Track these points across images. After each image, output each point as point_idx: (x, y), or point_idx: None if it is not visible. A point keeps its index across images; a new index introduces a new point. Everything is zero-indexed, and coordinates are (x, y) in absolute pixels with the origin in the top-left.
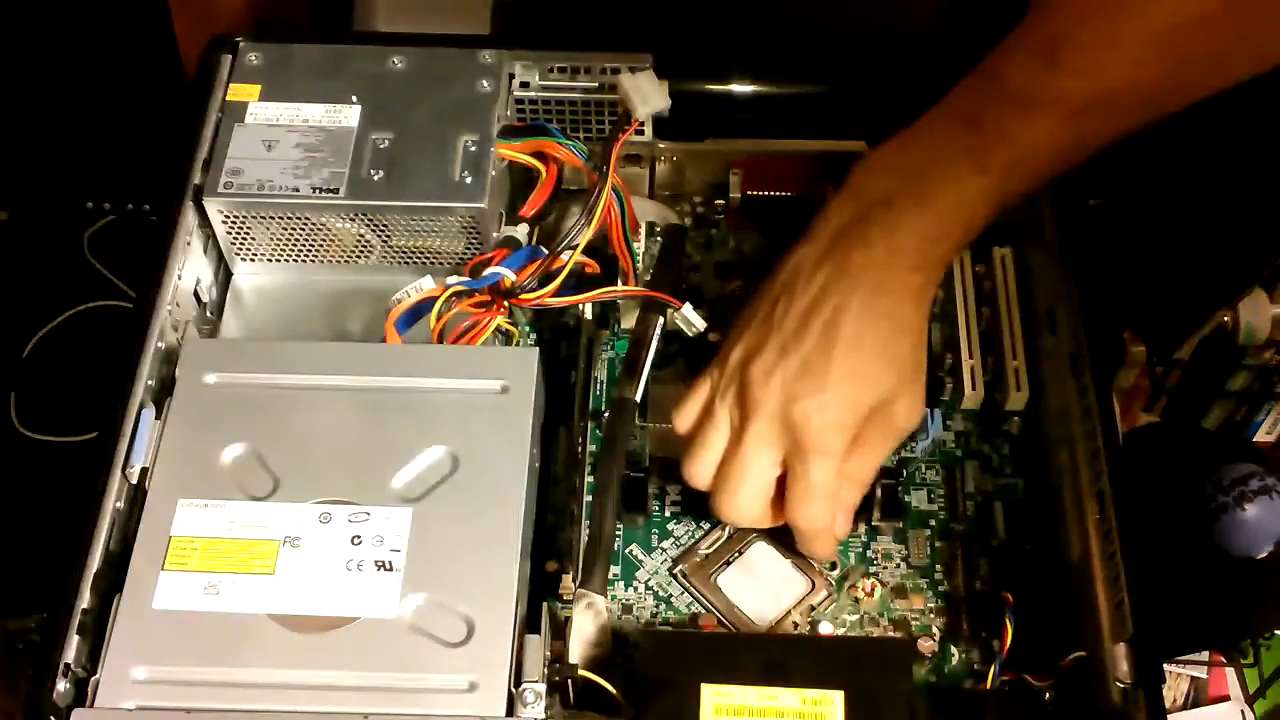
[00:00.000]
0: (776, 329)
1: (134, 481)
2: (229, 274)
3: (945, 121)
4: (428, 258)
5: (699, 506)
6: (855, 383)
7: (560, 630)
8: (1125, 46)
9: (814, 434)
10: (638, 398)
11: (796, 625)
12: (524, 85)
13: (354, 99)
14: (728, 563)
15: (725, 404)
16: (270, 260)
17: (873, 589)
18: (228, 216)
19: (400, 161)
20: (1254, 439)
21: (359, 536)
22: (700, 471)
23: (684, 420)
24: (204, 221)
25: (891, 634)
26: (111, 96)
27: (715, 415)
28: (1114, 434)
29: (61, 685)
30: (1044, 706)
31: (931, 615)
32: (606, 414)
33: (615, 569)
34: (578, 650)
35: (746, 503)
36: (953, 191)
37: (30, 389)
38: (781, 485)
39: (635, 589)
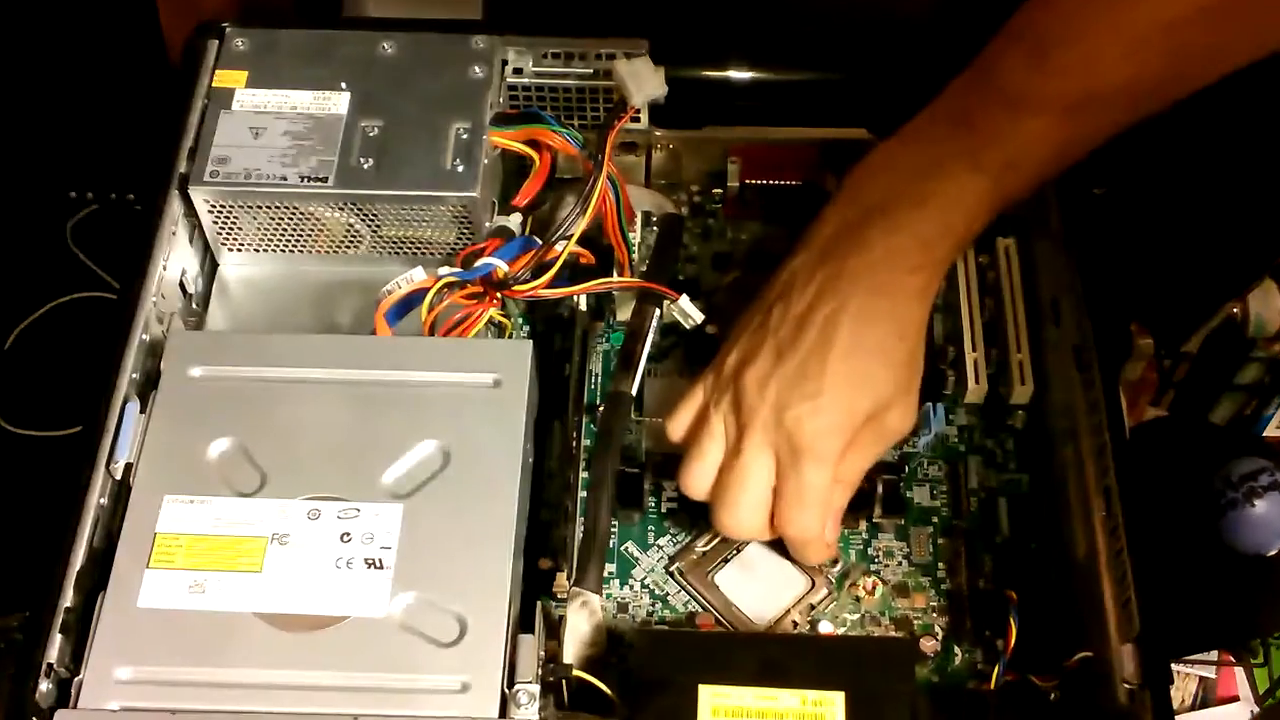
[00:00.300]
0: (772, 334)
1: (118, 477)
2: (215, 264)
3: (940, 122)
4: (418, 248)
5: (696, 504)
6: (852, 387)
7: (554, 629)
8: (1123, 40)
9: (808, 439)
10: (633, 391)
11: (796, 624)
12: (517, 71)
13: (343, 85)
14: (725, 560)
15: (720, 412)
16: (257, 250)
17: (874, 587)
18: (214, 206)
19: (390, 149)
20: (1264, 434)
21: (348, 533)
22: (697, 482)
23: (677, 428)
24: (189, 211)
25: (893, 633)
26: (95, 84)
27: (710, 424)
28: (1120, 428)
29: (44, 685)
30: (1049, 707)
31: (934, 614)
32: (601, 408)
33: (610, 567)
34: (572, 650)
35: (748, 515)
36: (949, 192)
37: (12, 383)
38: None
39: (631, 587)
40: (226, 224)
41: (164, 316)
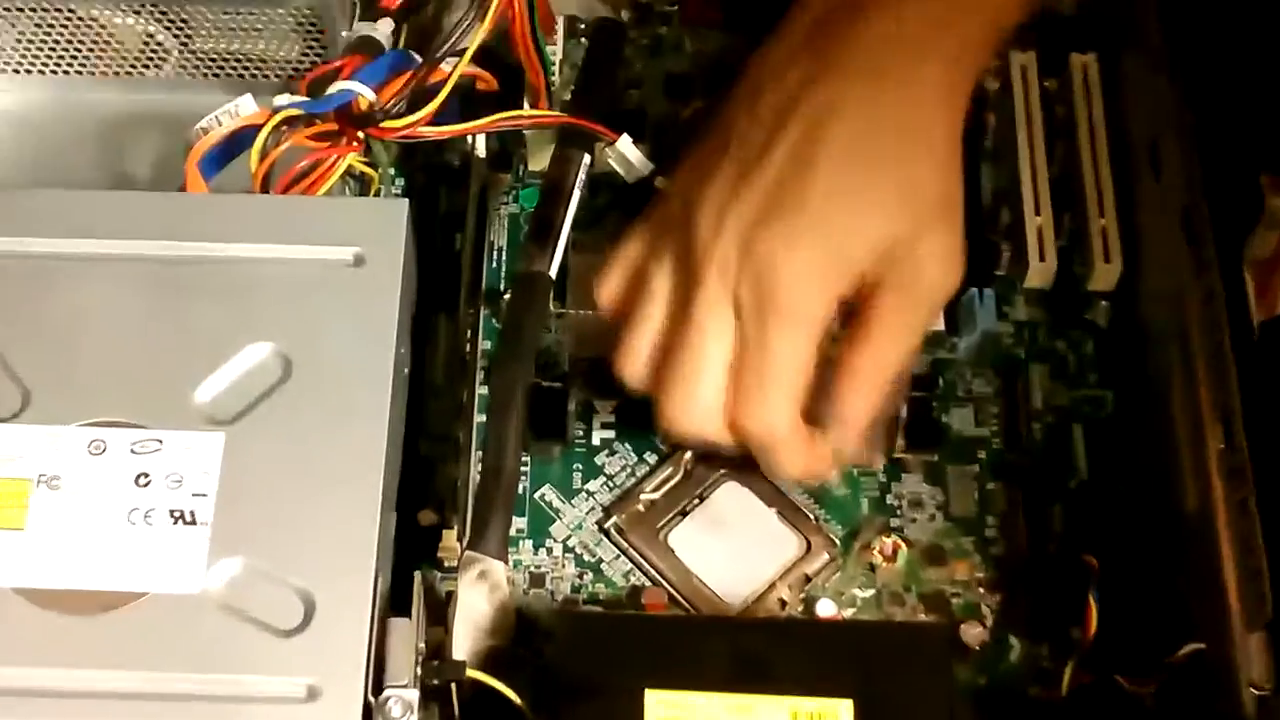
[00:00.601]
0: (735, 147)
1: None
2: None
3: None
4: (247, 68)
5: (644, 428)
6: (846, 214)
7: (440, 611)
8: None
9: (781, 281)
10: (553, 272)
11: (784, 604)
12: None
13: None
14: (684, 513)
15: (663, 264)
16: (16, 71)
17: (895, 551)
18: None
19: None
20: None
21: (146, 475)
22: (633, 363)
23: (608, 291)
24: None
25: (922, 617)
26: None
27: (650, 281)
28: (1246, 325)
29: None
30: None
31: (980, 589)
32: (508, 296)
33: (520, 522)
34: (466, 640)
35: (701, 401)
36: None
37: None
38: None
39: (550, 551)
40: None
41: None
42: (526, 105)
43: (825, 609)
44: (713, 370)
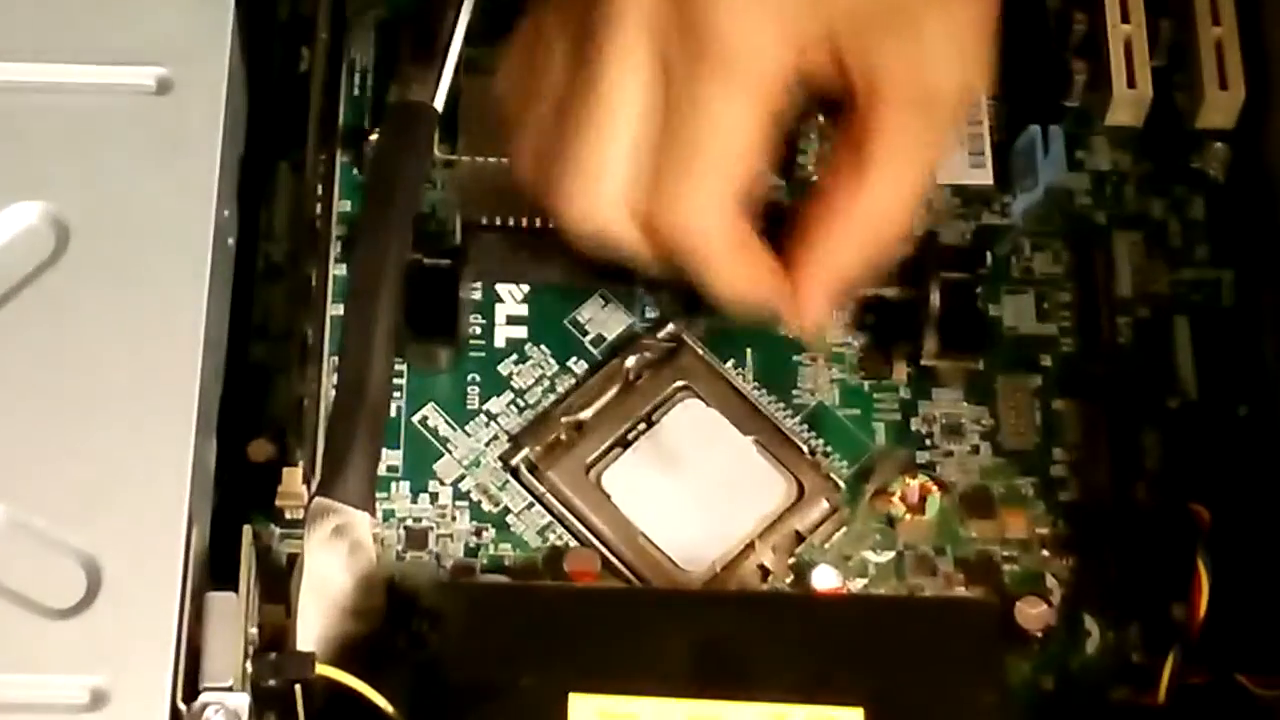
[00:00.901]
0: None
1: None
2: None
3: None
4: None
5: (564, 319)
6: None
7: (281, 583)
8: None
9: (719, 18)
10: (439, 103)
11: (768, 574)
12: None
13: None
14: (626, 443)
15: (563, 20)
16: None
17: (921, 499)
18: None
19: None
20: None
21: None
22: (526, 155)
23: (504, 80)
24: None
25: (962, 591)
26: None
27: (549, 46)
28: None
29: None
30: None
31: (1044, 552)
32: (375, 137)
33: (393, 457)
34: (317, 623)
35: (608, 186)
36: None
37: None
38: None
39: (434, 498)
40: None
41: None
42: None
43: (824, 579)
44: (621, 139)
